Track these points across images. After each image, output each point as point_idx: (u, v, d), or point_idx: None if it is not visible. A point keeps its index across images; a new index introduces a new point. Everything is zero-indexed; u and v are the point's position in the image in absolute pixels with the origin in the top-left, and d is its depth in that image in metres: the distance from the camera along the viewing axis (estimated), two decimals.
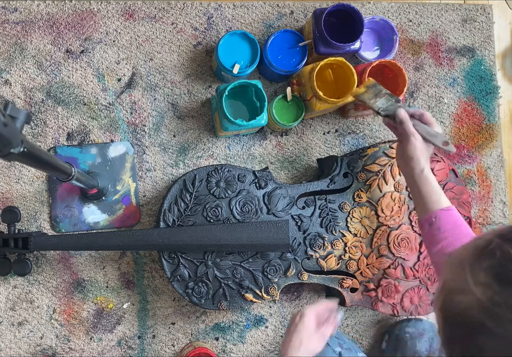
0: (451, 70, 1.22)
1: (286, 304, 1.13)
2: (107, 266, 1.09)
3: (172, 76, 1.13)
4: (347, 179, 1.06)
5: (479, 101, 1.22)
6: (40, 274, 1.07)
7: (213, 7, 1.15)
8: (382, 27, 1.14)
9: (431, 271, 1.05)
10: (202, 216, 1.02)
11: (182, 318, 1.10)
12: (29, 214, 1.07)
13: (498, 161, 1.23)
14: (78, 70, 1.11)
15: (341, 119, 1.17)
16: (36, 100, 1.09)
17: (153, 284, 1.10)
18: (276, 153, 1.15)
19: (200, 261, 1.01)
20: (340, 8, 1.04)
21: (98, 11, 1.12)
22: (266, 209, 1.03)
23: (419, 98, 1.20)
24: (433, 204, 0.87)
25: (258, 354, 1.12)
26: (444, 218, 0.85)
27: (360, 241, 1.05)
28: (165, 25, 1.14)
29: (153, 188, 1.11)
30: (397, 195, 1.05)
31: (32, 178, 1.08)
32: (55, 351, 1.07)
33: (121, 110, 1.11)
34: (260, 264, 1.02)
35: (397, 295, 1.05)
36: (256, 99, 1.06)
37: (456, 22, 1.23)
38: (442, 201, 0.87)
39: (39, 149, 0.67)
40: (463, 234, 0.84)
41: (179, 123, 1.13)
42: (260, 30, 1.16)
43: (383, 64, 1.06)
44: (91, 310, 1.08)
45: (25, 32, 1.10)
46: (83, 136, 1.10)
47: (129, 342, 1.09)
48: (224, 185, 1.02)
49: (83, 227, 1.08)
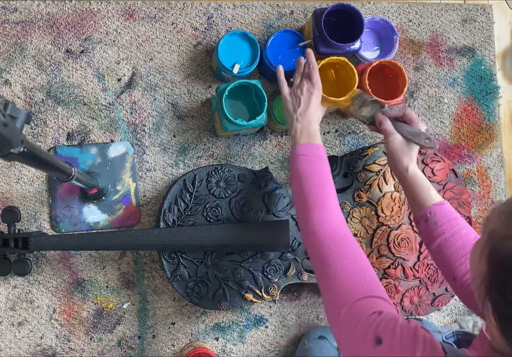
0: (451, 70, 1.22)
1: (286, 304, 1.13)
2: (107, 266, 1.09)
3: (172, 76, 1.13)
4: (347, 179, 1.06)
5: (479, 101, 1.22)
6: (40, 274, 1.07)
7: (213, 7, 1.15)
8: (382, 27, 1.14)
9: (431, 271, 1.05)
10: (202, 216, 1.02)
11: (182, 318, 1.10)
12: (29, 214, 1.07)
13: (498, 161, 1.23)
14: (78, 70, 1.11)
15: (341, 119, 1.17)
16: (36, 100, 1.09)
17: (153, 284, 1.10)
18: (276, 153, 1.15)
19: (200, 261, 1.01)
20: (340, 8, 1.04)
21: (98, 11, 1.12)
22: (266, 209, 1.03)
23: (419, 98, 1.20)
24: (426, 200, 0.87)
25: (258, 354, 1.12)
26: (439, 212, 0.85)
27: (360, 241, 1.05)
28: (165, 25, 1.14)
29: (153, 188, 1.11)
30: (397, 195, 1.05)
31: (32, 178, 1.08)
32: (55, 351, 1.07)
33: (121, 110, 1.11)
34: (259, 264, 1.02)
35: (397, 295, 1.05)
36: (256, 99, 1.06)
37: (456, 22, 1.23)
38: (434, 196, 0.88)
39: (39, 149, 0.67)
40: (460, 226, 0.84)
41: (179, 123, 1.13)
42: (260, 30, 1.16)
43: (383, 64, 1.06)
44: (91, 310, 1.08)
45: (25, 32, 1.10)
46: (83, 136, 1.10)
47: (129, 342, 1.09)
48: (224, 185, 1.03)
49: (83, 227, 1.08)
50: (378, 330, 0.62)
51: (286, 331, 1.13)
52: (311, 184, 0.83)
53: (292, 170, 0.87)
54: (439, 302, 1.07)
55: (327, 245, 0.76)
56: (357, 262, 0.74)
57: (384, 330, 0.62)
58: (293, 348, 1.12)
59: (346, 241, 0.78)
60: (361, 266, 0.74)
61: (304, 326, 1.13)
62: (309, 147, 0.87)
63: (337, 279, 0.72)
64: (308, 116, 0.91)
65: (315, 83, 0.93)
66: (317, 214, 0.80)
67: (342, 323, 0.67)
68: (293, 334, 1.13)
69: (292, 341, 1.13)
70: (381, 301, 0.68)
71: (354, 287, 0.70)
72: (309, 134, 0.89)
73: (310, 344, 1.04)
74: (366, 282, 0.71)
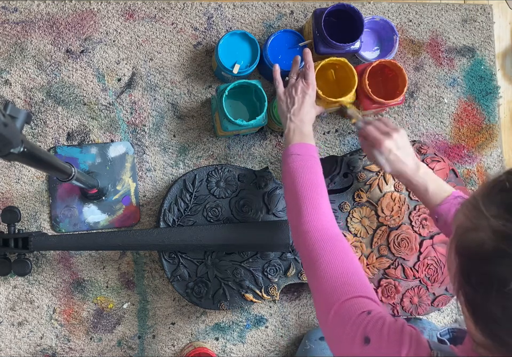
0: (451, 70, 1.22)
1: (286, 304, 1.13)
2: (107, 266, 1.09)
3: (172, 76, 1.13)
4: (347, 179, 1.06)
5: (479, 101, 1.22)
6: (40, 274, 1.07)
7: (213, 7, 1.15)
8: (382, 27, 1.14)
9: (431, 271, 1.05)
10: (202, 216, 1.02)
11: (182, 318, 1.10)
12: (29, 214, 1.07)
13: (498, 161, 1.23)
14: (78, 70, 1.11)
15: (341, 119, 1.17)
16: (36, 100, 1.09)
17: (153, 284, 1.10)
18: (276, 153, 1.15)
19: (200, 261, 1.01)
20: (340, 8, 1.04)
21: (98, 11, 1.12)
22: (266, 209, 1.03)
23: (419, 98, 1.20)
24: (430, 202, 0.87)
25: (258, 354, 1.12)
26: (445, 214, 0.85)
27: (360, 241, 1.05)
28: (165, 25, 1.14)
29: (153, 188, 1.11)
30: (397, 195, 1.05)
31: (32, 178, 1.08)
32: (55, 351, 1.07)
33: (121, 110, 1.11)
34: (259, 264, 1.02)
35: (397, 296, 1.05)
36: (256, 99, 1.06)
37: (456, 22, 1.23)
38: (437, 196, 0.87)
39: (39, 149, 0.67)
40: None
41: (179, 123, 1.13)
42: (260, 30, 1.16)
43: (383, 64, 1.06)
44: (91, 310, 1.08)
45: (25, 32, 1.10)
46: (83, 136, 1.10)
47: (129, 342, 1.09)
48: (224, 185, 1.02)
49: (83, 227, 1.08)
50: (367, 330, 0.63)
51: (286, 331, 1.13)
52: (304, 182, 0.83)
53: (285, 169, 0.87)
54: (439, 302, 1.07)
55: (318, 245, 0.77)
56: (347, 262, 0.75)
57: (372, 330, 0.62)
58: (293, 348, 1.12)
59: (337, 240, 0.78)
60: (351, 266, 0.74)
61: (304, 326, 1.13)
62: (302, 146, 0.88)
63: (326, 278, 0.72)
64: (300, 116, 0.91)
65: (310, 84, 0.93)
66: (308, 212, 0.80)
67: (331, 323, 0.68)
68: (293, 334, 1.13)
69: (292, 341, 1.13)
70: (370, 301, 0.69)
71: (344, 287, 0.70)
72: (302, 133, 0.90)
73: (311, 345, 1.04)
74: (355, 282, 0.71)
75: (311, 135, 0.91)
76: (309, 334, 1.08)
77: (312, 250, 0.77)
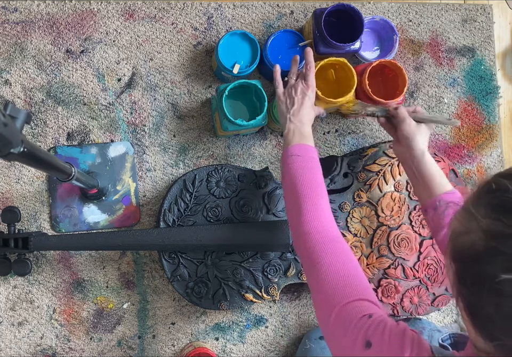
0: (451, 70, 1.22)
1: (286, 304, 1.13)
2: (107, 266, 1.09)
3: (172, 76, 1.13)
4: (347, 179, 1.06)
5: (479, 101, 1.22)
6: (40, 274, 1.07)
7: (213, 7, 1.15)
8: (382, 27, 1.14)
9: (431, 271, 1.05)
10: (202, 216, 1.02)
11: (182, 318, 1.10)
12: (29, 214, 1.07)
13: (498, 161, 1.23)
14: (78, 70, 1.11)
15: (341, 119, 1.17)
16: (36, 100, 1.09)
17: (153, 284, 1.10)
18: (276, 153, 1.15)
19: (200, 261, 1.01)
20: (340, 8, 1.04)
21: (98, 11, 1.12)
22: (266, 209, 1.03)
23: (419, 98, 1.20)
24: (437, 188, 0.87)
25: (258, 354, 1.12)
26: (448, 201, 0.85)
27: (360, 241, 1.05)
28: (165, 25, 1.14)
29: (153, 188, 1.11)
30: (397, 195, 1.05)
31: (32, 178, 1.08)
32: (55, 351, 1.07)
33: (121, 110, 1.11)
34: (259, 264, 1.02)
35: (397, 296, 1.05)
36: (256, 99, 1.06)
37: (456, 22, 1.23)
38: (445, 184, 0.88)
39: (39, 149, 0.67)
40: None
41: (179, 123, 1.13)
42: (260, 30, 1.16)
43: (383, 64, 1.06)
44: (91, 310, 1.08)
45: (25, 32, 1.10)
46: (83, 136, 1.10)
47: (129, 342, 1.09)
48: (224, 185, 1.03)
49: (83, 227, 1.08)
50: (368, 334, 0.62)
51: (286, 331, 1.13)
52: (304, 182, 0.83)
53: (285, 170, 0.87)
54: (439, 302, 1.07)
55: (319, 247, 0.76)
56: (347, 264, 0.74)
57: (373, 333, 0.62)
58: (293, 348, 1.12)
59: (337, 242, 0.78)
60: (351, 268, 0.74)
61: (304, 326, 1.13)
62: (302, 147, 0.87)
63: (327, 281, 0.72)
64: (299, 117, 0.91)
65: (310, 85, 0.93)
66: (309, 211, 0.80)
67: (332, 326, 0.67)
68: (293, 334, 1.13)
69: (292, 341, 1.13)
70: (371, 304, 0.68)
71: (345, 289, 0.70)
72: (302, 134, 0.89)
73: (311, 344, 1.04)
74: (356, 285, 0.71)
75: (311, 136, 0.91)
76: (309, 333, 1.08)
77: (313, 252, 0.76)
